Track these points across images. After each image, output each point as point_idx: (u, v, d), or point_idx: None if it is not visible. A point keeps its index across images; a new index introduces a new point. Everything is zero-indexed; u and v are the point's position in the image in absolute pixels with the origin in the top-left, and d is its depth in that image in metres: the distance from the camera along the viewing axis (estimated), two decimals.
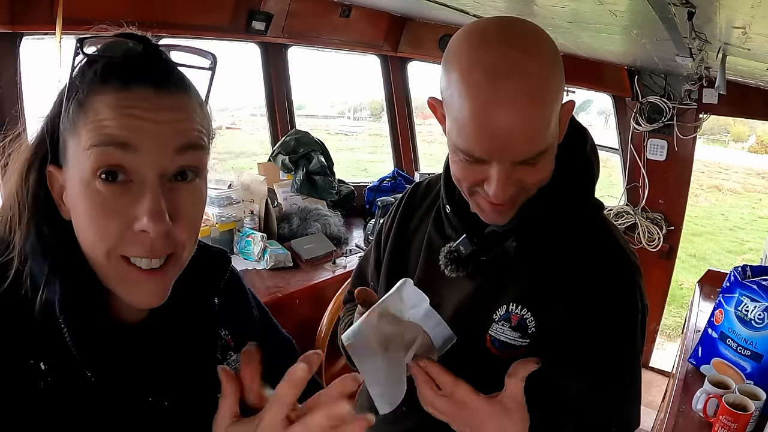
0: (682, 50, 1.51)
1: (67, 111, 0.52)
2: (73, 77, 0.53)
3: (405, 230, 0.98)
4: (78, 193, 0.52)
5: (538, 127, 0.67)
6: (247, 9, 2.24)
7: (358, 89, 10.85)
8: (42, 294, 0.52)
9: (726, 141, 11.91)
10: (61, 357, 0.52)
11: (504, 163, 0.68)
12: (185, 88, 0.55)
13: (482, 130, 0.66)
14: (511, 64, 0.65)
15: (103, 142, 0.50)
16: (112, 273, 0.54)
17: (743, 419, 1.18)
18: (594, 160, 0.84)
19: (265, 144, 2.90)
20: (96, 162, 0.50)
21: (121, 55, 0.52)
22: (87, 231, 0.53)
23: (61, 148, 0.54)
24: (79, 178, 0.51)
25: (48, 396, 0.51)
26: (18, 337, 0.51)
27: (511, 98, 0.64)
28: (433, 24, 2.81)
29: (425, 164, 3.43)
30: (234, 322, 0.73)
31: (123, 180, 0.51)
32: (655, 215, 2.95)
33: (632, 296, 0.79)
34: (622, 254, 0.81)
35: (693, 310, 1.90)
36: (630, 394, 0.82)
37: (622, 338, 0.79)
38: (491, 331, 0.81)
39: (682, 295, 5.15)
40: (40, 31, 1.72)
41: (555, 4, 1.15)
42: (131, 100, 0.51)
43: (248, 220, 2.21)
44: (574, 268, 0.79)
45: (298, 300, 1.96)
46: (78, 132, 0.52)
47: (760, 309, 1.34)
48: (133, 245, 0.52)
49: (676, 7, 0.97)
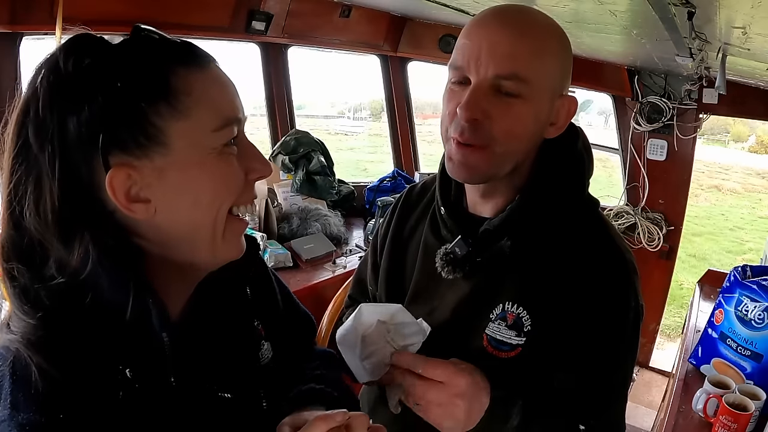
0: (682, 50, 1.51)
1: (152, 97, 0.52)
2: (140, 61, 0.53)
3: (401, 233, 0.98)
4: (202, 167, 0.55)
5: (519, 52, 0.72)
6: (247, 9, 2.24)
7: (358, 89, 10.86)
8: (132, 309, 0.53)
9: (726, 141, 11.92)
10: (147, 364, 0.54)
11: (479, 74, 0.72)
12: None
13: (469, 37, 0.74)
14: (515, 10, 0.75)
15: (229, 121, 0.57)
16: (219, 229, 0.59)
17: (743, 419, 1.18)
18: (586, 155, 0.84)
19: (265, 144, 2.89)
20: (227, 137, 0.57)
21: (173, 41, 0.56)
22: (214, 197, 0.57)
23: (141, 138, 0.52)
24: (205, 154, 0.56)
25: (129, 405, 0.52)
26: (105, 346, 0.52)
27: (503, 21, 0.74)
28: (433, 24, 2.81)
29: (425, 164, 3.43)
30: (263, 310, 0.75)
31: (235, 142, 0.59)
32: (655, 215, 2.95)
33: (624, 295, 0.79)
34: (616, 253, 0.81)
35: (693, 310, 1.89)
36: (613, 394, 0.82)
37: (609, 336, 0.78)
38: (488, 330, 0.81)
39: (682, 295, 5.15)
40: (40, 31, 1.72)
41: (555, 4, 1.15)
42: (218, 73, 0.58)
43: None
44: (568, 267, 0.79)
45: (298, 300, 1.95)
46: (189, 115, 0.54)
47: (760, 309, 1.34)
48: (248, 193, 0.61)
49: (676, 7, 0.97)
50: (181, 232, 0.57)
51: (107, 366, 0.51)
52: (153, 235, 0.56)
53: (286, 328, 0.79)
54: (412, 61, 3.16)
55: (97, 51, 0.52)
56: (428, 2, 1.83)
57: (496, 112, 0.73)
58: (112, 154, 0.52)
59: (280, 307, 0.80)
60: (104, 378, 0.51)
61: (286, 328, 0.79)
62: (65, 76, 0.51)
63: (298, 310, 0.87)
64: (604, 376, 0.80)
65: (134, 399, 0.52)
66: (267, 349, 0.73)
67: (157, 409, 0.54)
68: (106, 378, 0.51)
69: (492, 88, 0.72)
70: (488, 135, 0.74)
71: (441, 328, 0.85)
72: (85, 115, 0.50)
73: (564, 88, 0.79)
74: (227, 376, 0.64)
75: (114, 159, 0.52)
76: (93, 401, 0.50)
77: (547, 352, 0.78)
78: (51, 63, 0.52)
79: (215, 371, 0.62)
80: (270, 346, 0.73)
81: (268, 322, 0.75)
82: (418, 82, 3.29)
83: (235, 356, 0.66)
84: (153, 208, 0.54)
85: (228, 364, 0.65)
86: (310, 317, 0.88)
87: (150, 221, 0.55)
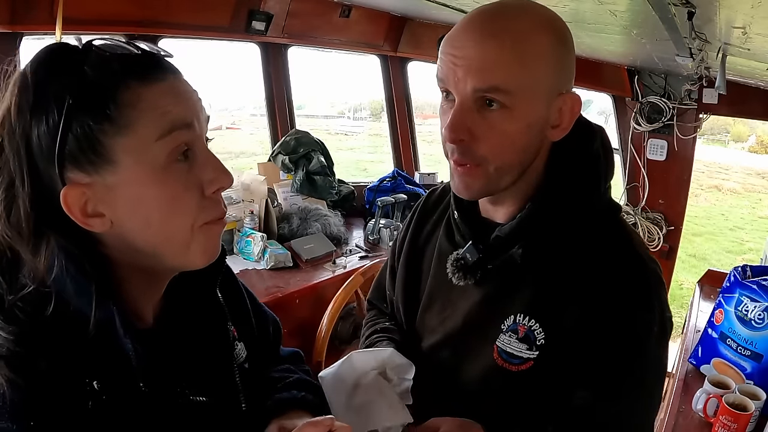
0: (682, 50, 1.51)
1: (97, 114, 0.52)
2: (91, 78, 0.52)
3: (418, 238, 0.96)
4: (150, 184, 0.54)
5: (496, 63, 0.68)
6: (247, 9, 2.24)
7: (358, 89, 10.86)
8: (94, 316, 0.53)
9: (726, 141, 11.91)
10: (114, 374, 0.54)
11: (459, 91, 0.70)
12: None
13: (445, 51, 0.71)
14: (493, 14, 0.71)
15: (175, 126, 0.54)
16: (183, 243, 0.58)
17: (743, 419, 1.18)
18: (604, 157, 0.79)
19: (265, 144, 2.90)
20: (173, 146, 0.54)
21: (129, 52, 0.54)
22: (166, 216, 0.56)
23: (91, 155, 0.52)
24: (150, 169, 0.54)
25: (99, 414, 0.52)
26: (71, 358, 0.52)
27: (477, 30, 0.69)
28: (433, 24, 2.81)
29: (425, 164, 3.43)
30: (234, 313, 0.75)
31: (188, 155, 0.56)
32: (655, 215, 2.95)
33: (647, 305, 0.74)
34: (637, 261, 0.75)
35: (693, 310, 1.89)
36: (635, 409, 0.77)
37: (631, 350, 0.74)
38: (498, 341, 0.78)
39: (682, 295, 5.15)
40: (40, 31, 1.72)
41: (555, 4, 1.15)
42: (175, 85, 0.56)
43: (248, 220, 2.21)
44: (584, 278, 0.74)
45: (298, 300, 1.95)
46: (132, 128, 0.53)
47: (760, 309, 1.33)
48: (209, 210, 0.58)
49: (676, 7, 0.97)
50: (143, 243, 0.57)
51: (74, 379, 0.51)
52: (117, 244, 0.57)
53: (255, 330, 0.80)
54: (412, 61, 3.16)
55: (57, 66, 0.52)
56: (428, 2, 1.83)
57: (481, 131, 0.70)
58: (67, 168, 0.53)
59: (249, 310, 0.80)
60: (72, 390, 0.51)
61: (256, 330, 0.80)
62: (29, 89, 0.52)
63: (265, 313, 0.86)
64: (626, 390, 0.75)
65: (104, 408, 0.52)
66: (241, 349, 0.73)
67: (129, 416, 0.54)
68: (74, 390, 0.51)
69: (475, 103, 0.70)
70: (477, 154, 0.72)
71: (453, 337, 0.83)
72: (43, 129, 0.51)
73: (563, 85, 0.73)
74: (202, 379, 0.63)
75: (69, 174, 0.53)
76: (63, 411, 0.50)
77: (562, 368, 0.74)
78: (22, 74, 0.53)
79: (188, 376, 0.62)
80: (243, 347, 0.74)
81: (239, 324, 0.75)
82: (418, 82, 3.30)
83: (210, 359, 0.67)
84: (109, 222, 0.55)
85: (203, 367, 0.65)
86: (277, 320, 0.89)
87: (111, 232, 0.56)
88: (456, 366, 0.82)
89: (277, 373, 0.81)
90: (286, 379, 0.79)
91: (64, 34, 1.61)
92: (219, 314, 0.71)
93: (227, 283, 0.76)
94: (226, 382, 0.68)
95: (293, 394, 0.75)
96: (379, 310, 1.07)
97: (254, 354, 0.76)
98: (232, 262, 2.10)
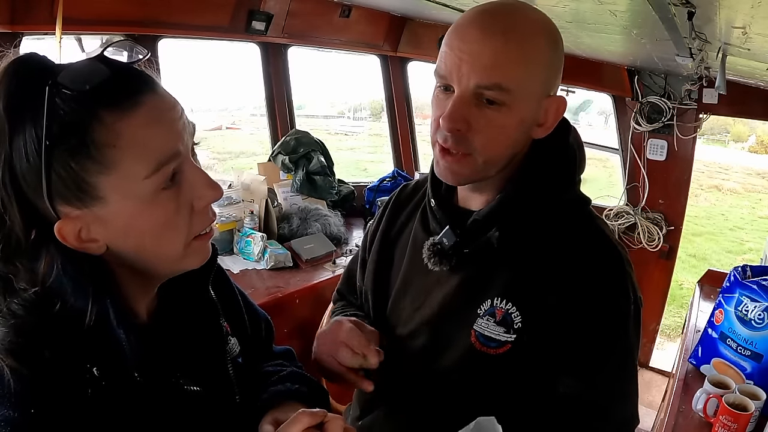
0: (682, 50, 1.51)
1: (77, 155, 0.51)
2: (64, 114, 0.50)
3: (391, 229, 0.98)
4: (139, 215, 0.56)
5: (501, 61, 0.71)
6: (247, 9, 2.24)
7: (358, 89, 10.85)
8: (91, 312, 0.55)
9: (726, 141, 11.90)
10: (111, 363, 0.55)
11: (461, 85, 0.72)
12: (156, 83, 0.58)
13: (450, 45, 0.73)
14: (497, 12, 0.74)
15: (162, 162, 0.55)
16: (192, 251, 0.61)
17: (743, 419, 1.18)
18: (577, 150, 0.84)
19: (265, 144, 2.90)
20: (162, 179, 0.55)
21: (100, 77, 0.52)
22: (159, 239, 0.58)
23: (78, 192, 0.53)
24: (139, 202, 0.55)
25: (97, 402, 0.53)
26: (72, 347, 0.54)
27: (484, 28, 0.72)
28: (433, 24, 2.81)
29: (425, 164, 3.43)
30: (227, 309, 0.77)
31: (175, 179, 0.57)
32: (655, 215, 2.95)
33: (622, 287, 0.78)
34: (609, 245, 0.80)
35: (693, 310, 1.89)
36: (623, 389, 0.80)
37: (612, 332, 0.77)
38: (476, 325, 0.80)
39: (682, 295, 5.15)
40: (40, 31, 1.72)
41: (555, 4, 1.15)
42: (153, 107, 0.54)
43: (248, 220, 2.21)
44: (559, 261, 0.77)
45: (298, 300, 1.96)
46: (116, 168, 0.53)
47: (760, 309, 1.34)
48: (200, 224, 0.60)
49: (676, 7, 0.97)
50: (138, 260, 0.59)
51: (75, 365, 0.53)
52: (112, 258, 0.59)
53: (248, 326, 0.81)
54: (412, 61, 3.16)
55: (29, 101, 0.50)
56: (428, 2, 1.83)
57: (478, 123, 0.73)
58: (57, 203, 0.53)
59: (241, 307, 0.81)
60: (73, 377, 0.53)
61: (249, 326, 0.81)
62: (4, 130, 0.51)
63: (257, 311, 0.88)
64: (610, 373, 0.78)
65: (103, 395, 0.54)
66: (234, 344, 0.75)
67: (126, 404, 0.55)
68: (75, 377, 0.53)
69: (475, 97, 0.72)
70: (470, 145, 0.75)
71: (428, 324, 0.84)
72: (26, 166, 0.51)
73: (552, 88, 0.77)
74: (196, 371, 0.65)
75: (60, 207, 0.54)
76: (63, 398, 0.51)
77: (540, 352, 0.77)
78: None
79: (182, 367, 0.64)
80: (237, 342, 0.76)
81: (232, 320, 0.77)
82: (418, 82, 3.29)
83: (204, 351, 0.69)
84: (104, 246, 0.57)
85: (196, 359, 0.67)
86: (269, 319, 0.90)
87: (107, 251, 0.58)
88: (433, 352, 0.83)
89: (271, 367, 0.82)
90: (279, 372, 0.80)
91: (64, 34, 1.61)
92: (212, 310, 0.72)
93: (219, 281, 0.78)
94: (220, 374, 0.70)
95: (287, 386, 0.76)
96: (348, 300, 1.09)
97: (248, 350, 0.77)
98: (232, 262, 2.13)
